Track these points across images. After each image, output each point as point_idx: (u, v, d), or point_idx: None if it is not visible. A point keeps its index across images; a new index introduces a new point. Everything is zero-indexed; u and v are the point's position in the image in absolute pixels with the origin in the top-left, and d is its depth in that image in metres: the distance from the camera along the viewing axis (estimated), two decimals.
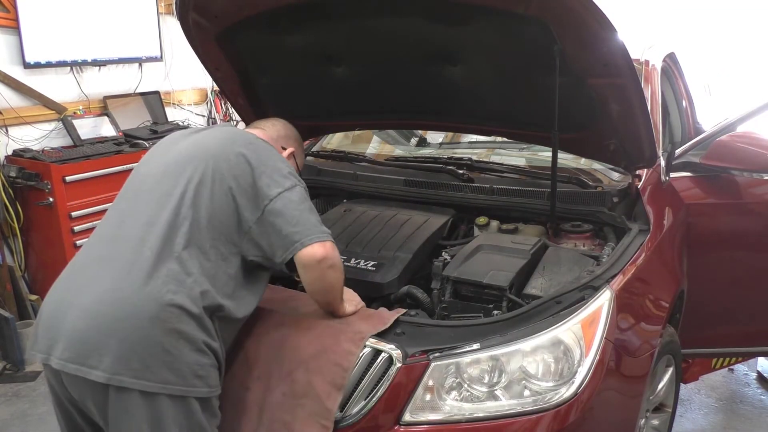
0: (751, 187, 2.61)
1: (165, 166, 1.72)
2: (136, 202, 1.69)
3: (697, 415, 3.13)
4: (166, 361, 1.48)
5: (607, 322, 1.70)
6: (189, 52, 2.30)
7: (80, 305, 1.52)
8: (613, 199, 2.19)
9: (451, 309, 1.92)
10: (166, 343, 1.48)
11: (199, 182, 1.63)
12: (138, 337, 1.47)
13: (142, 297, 1.50)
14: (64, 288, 1.62)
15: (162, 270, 1.53)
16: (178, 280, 1.53)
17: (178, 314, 1.50)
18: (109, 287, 1.52)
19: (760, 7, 6.05)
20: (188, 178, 1.64)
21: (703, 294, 2.51)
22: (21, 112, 3.99)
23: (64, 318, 1.53)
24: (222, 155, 1.67)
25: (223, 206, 1.62)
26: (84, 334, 1.49)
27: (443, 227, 2.27)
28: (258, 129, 1.99)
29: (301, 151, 2.11)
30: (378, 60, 2.25)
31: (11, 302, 3.80)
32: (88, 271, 1.61)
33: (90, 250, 1.69)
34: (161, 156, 1.79)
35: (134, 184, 1.77)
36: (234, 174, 1.64)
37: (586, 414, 1.63)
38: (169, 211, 1.60)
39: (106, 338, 1.47)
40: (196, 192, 1.62)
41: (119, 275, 1.54)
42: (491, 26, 1.91)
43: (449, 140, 3.12)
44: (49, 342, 1.54)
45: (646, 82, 2.62)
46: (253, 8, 2.09)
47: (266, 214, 1.61)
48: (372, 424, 1.61)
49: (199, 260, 1.57)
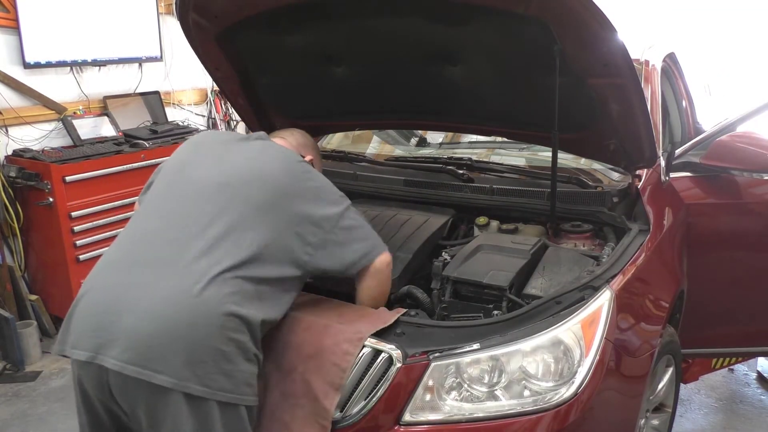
0: (751, 187, 2.61)
1: (226, 176, 1.72)
2: (193, 207, 1.68)
3: (697, 415, 3.13)
4: (225, 369, 1.49)
5: (607, 322, 1.70)
6: (189, 52, 2.30)
7: (141, 307, 1.50)
8: (613, 199, 2.19)
9: (451, 309, 1.92)
10: (227, 351, 1.50)
11: (265, 203, 1.67)
12: (203, 344, 1.48)
13: (207, 304, 1.50)
14: (112, 284, 1.58)
15: (225, 281, 1.54)
16: (240, 292, 1.54)
17: (238, 324, 1.52)
18: (171, 292, 1.51)
19: (760, 7, 6.05)
20: (253, 198, 1.67)
21: (703, 294, 2.51)
22: (21, 112, 3.99)
23: (119, 318, 1.50)
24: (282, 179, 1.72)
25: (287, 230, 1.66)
26: (149, 337, 1.47)
27: (443, 227, 2.27)
28: (281, 139, 2.04)
29: (318, 159, 2.17)
30: (378, 60, 2.25)
31: (11, 302, 3.80)
32: (142, 271, 1.58)
33: (135, 247, 1.66)
34: (216, 164, 1.78)
35: (185, 187, 1.75)
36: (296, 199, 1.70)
37: (586, 414, 1.63)
38: (233, 227, 1.62)
39: (173, 343, 1.46)
40: (260, 212, 1.65)
41: (181, 281, 1.53)
42: (491, 26, 1.91)
43: (449, 140, 3.12)
44: (98, 341, 1.51)
45: (646, 82, 2.62)
46: (253, 8, 2.09)
47: (333, 234, 1.71)
48: (372, 424, 1.61)
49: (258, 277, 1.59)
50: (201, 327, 1.48)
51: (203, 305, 1.50)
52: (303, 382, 1.64)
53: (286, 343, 1.70)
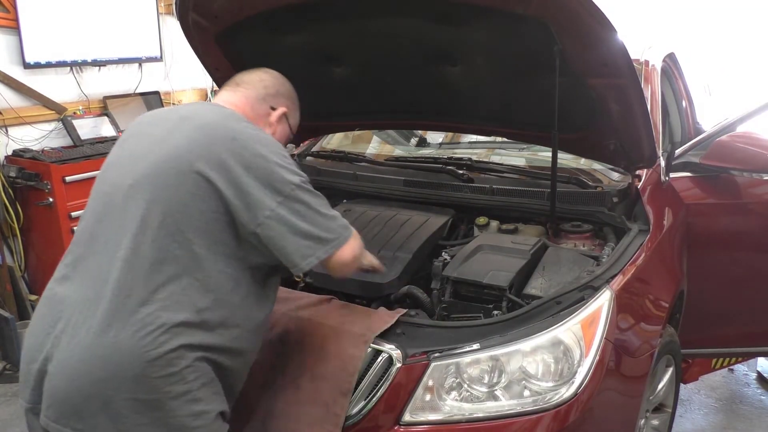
0: (750, 187, 2.61)
1: (132, 176, 1.47)
2: (106, 224, 1.47)
3: (697, 415, 3.13)
4: (156, 418, 1.35)
5: (607, 322, 1.70)
6: (189, 52, 2.30)
7: (59, 360, 1.39)
8: (613, 199, 2.19)
9: (451, 309, 1.92)
10: (154, 400, 1.34)
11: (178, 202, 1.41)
12: (123, 398, 1.34)
13: (126, 353, 1.34)
14: (39, 328, 1.46)
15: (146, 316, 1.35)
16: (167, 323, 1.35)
17: (164, 365, 1.34)
18: (89, 341, 1.36)
19: (760, 7, 6.05)
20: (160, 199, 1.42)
21: (703, 294, 2.51)
22: (21, 112, 3.99)
23: (43, 370, 1.41)
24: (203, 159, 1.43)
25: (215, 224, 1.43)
26: (64, 394, 1.37)
27: (443, 227, 2.27)
28: (236, 92, 1.68)
29: (294, 109, 1.79)
30: (378, 60, 2.25)
31: (11, 302, 3.80)
32: (65, 311, 1.43)
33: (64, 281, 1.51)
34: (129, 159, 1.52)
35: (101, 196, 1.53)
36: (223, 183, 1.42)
37: (586, 414, 1.63)
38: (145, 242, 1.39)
39: (88, 401, 1.35)
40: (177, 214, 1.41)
41: (99, 326, 1.36)
42: (491, 26, 1.91)
43: (449, 140, 3.12)
44: (31, 393, 1.45)
45: (646, 82, 2.62)
46: (253, 8, 2.09)
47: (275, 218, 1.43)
48: (372, 425, 1.61)
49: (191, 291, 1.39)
50: (120, 380, 1.33)
51: (127, 354, 1.34)
52: (310, 389, 1.63)
53: (290, 350, 1.69)
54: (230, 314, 1.45)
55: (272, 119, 1.70)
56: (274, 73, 1.77)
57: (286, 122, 1.76)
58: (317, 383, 1.62)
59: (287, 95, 1.76)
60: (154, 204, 1.42)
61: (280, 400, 1.65)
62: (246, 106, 1.66)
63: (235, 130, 1.49)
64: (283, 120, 1.74)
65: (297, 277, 2.00)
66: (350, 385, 1.60)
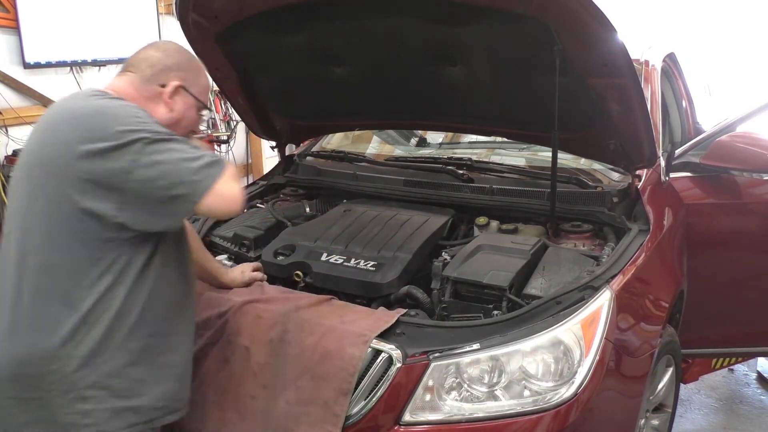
0: (751, 187, 2.61)
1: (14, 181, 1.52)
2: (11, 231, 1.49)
3: (697, 415, 3.13)
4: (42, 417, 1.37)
5: (607, 322, 1.70)
6: None
7: None
8: (613, 199, 2.19)
9: (451, 309, 1.92)
10: (37, 401, 1.35)
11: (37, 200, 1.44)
12: (6, 403, 1.37)
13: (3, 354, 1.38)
14: None
15: (21, 316, 1.39)
16: (40, 317, 1.37)
17: (43, 363, 1.35)
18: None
19: (760, 7, 6.05)
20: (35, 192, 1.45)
21: (703, 294, 2.51)
22: (21, 112, 3.99)
23: None
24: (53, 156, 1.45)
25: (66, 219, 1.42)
26: None
27: (443, 227, 2.27)
28: (122, 78, 1.63)
29: (193, 76, 1.63)
30: (378, 60, 2.25)
31: None
32: None
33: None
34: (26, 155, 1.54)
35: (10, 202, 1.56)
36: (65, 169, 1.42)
37: (586, 414, 1.63)
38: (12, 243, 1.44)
39: None
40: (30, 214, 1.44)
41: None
42: (491, 26, 1.91)
43: (449, 140, 3.12)
44: None
45: (646, 82, 2.62)
46: (253, 8, 2.09)
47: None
48: (372, 424, 1.61)
49: (58, 280, 1.39)
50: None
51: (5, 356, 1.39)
52: (311, 389, 1.63)
53: (290, 350, 1.69)
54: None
55: (165, 96, 1.58)
56: (165, 45, 1.67)
57: (187, 93, 1.60)
58: (317, 383, 1.62)
59: (179, 66, 1.60)
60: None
61: (280, 400, 1.65)
62: (130, 89, 1.58)
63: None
64: (179, 92, 1.59)
65: (297, 277, 2.00)
66: (350, 385, 1.60)
